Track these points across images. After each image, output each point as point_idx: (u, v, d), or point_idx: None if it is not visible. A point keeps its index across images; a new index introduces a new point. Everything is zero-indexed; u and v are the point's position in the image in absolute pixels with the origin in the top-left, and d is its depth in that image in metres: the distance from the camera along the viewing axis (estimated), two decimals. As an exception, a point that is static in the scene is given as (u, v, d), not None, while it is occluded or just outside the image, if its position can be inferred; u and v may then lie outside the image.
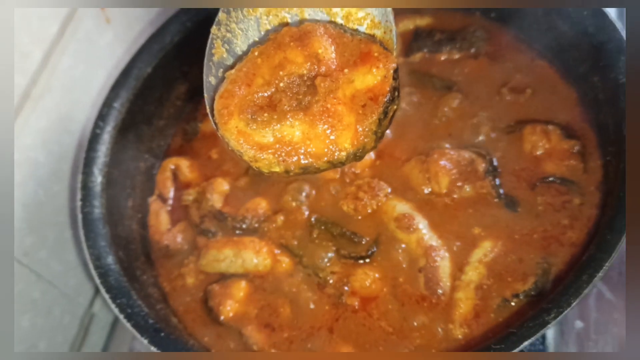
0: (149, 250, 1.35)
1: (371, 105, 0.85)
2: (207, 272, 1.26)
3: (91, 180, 1.28)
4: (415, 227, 1.16)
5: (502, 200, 1.17)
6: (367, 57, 0.86)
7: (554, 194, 1.16)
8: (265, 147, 0.86)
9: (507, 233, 1.14)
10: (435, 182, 1.20)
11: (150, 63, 1.39)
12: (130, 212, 1.36)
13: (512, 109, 1.27)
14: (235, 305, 1.20)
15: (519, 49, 1.35)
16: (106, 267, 1.19)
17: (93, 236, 1.22)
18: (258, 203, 1.30)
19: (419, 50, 1.39)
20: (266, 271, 1.22)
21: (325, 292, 1.17)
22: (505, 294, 1.08)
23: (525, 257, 1.11)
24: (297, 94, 0.87)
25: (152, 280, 1.29)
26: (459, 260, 1.13)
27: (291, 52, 0.88)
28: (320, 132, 0.85)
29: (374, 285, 1.15)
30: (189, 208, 1.36)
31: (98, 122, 1.33)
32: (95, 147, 1.31)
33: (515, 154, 1.22)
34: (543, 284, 1.07)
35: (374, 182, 1.23)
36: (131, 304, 1.13)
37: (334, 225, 1.22)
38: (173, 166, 1.42)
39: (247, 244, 1.23)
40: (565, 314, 0.93)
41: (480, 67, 1.34)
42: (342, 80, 0.86)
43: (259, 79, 0.88)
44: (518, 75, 1.31)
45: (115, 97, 1.35)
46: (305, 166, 0.86)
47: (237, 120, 0.86)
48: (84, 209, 1.25)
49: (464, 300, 1.09)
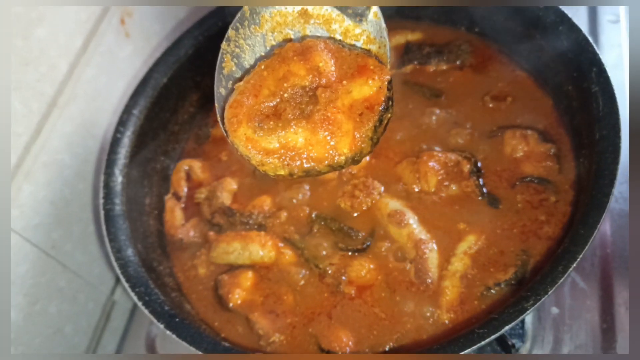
0: (164, 244, 1.34)
1: (367, 114, 0.85)
2: (217, 264, 1.26)
3: (112, 180, 1.28)
4: (406, 223, 1.16)
5: (485, 198, 1.17)
6: (364, 70, 0.86)
7: (532, 192, 1.15)
8: (271, 152, 0.85)
9: (490, 228, 1.14)
10: (425, 181, 1.19)
11: (166, 74, 1.39)
12: (147, 209, 1.36)
13: (494, 116, 1.27)
14: (242, 293, 1.20)
15: (501, 61, 1.35)
16: (126, 258, 1.19)
17: (114, 231, 1.22)
18: (264, 200, 1.29)
19: (410, 62, 1.38)
20: (271, 262, 1.22)
21: (324, 281, 1.17)
22: (488, 282, 1.08)
23: (506, 249, 1.11)
24: (300, 103, 0.87)
25: (168, 270, 1.29)
26: (446, 252, 1.13)
27: (294, 66, 0.87)
28: (321, 138, 0.84)
29: (368, 275, 1.15)
30: (201, 205, 1.35)
31: (119, 128, 1.32)
32: (116, 150, 1.30)
33: (497, 156, 1.21)
34: (522, 274, 1.07)
35: (369, 181, 1.23)
36: (149, 292, 1.13)
37: (333, 221, 1.21)
38: (187, 167, 1.42)
39: (253, 237, 1.23)
40: (542, 301, 0.93)
41: (465, 78, 1.34)
42: (341, 91, 0.86)
43: (265, 90, 0.88)
44: (499, 85, 1.31)
45: (134, 104, 1.35)
46: (307, 169, 0.86)
47: (246, 128, 0.86)
48: (106, 206, 1.24)
49: (450, 288, 1.09)
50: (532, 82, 1.30)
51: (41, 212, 1.25)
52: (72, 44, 1.30)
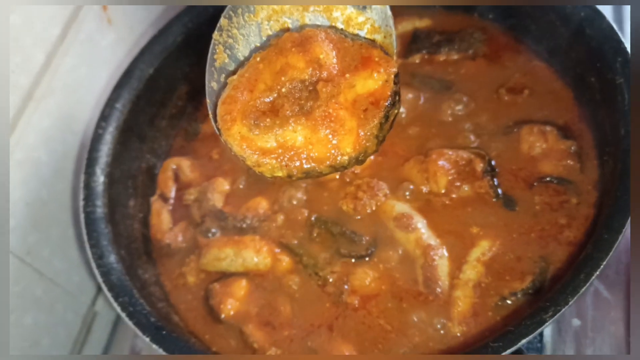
0: (150, 249, 1.35)
1: (373, 110, 0.85)
2: (208, 271, 1.26)
3: (93, 180, 1.28)
4: (414, 227, 1.16)
5: (500, 199, 1.17)
6: (368, 62, 0.86)
7: (552, 193, 1.16)
8: (268, 152, 0.86)
9: (505, 232, 1.14)
10: (434, 182, 1.20)
11: (152, 64, 1.39)
12: (132, 211, 1.36)
13: (509, 110, 1.27)
14: (235, 303, 1.20)
15: (517, 50, 1.35)
16: (108, 265, 1.19)
17: (95, 235, 1.22)
18: (258, 202, 1.30)
19: (417, 51, 1.39)
20: (266, 270, 1.22)
21: (325, 290, 1.17)
22: (503, 292, 1.09)
23: (523, 255, 1.11)
24: (299, 99, 0.87)
25: (154, 278, 1.29)
26: (457, 259, 1.13)
27: (293, 58, 0.88)
28: (322, 136, 0.85)
29: (373, 283, 1.15)
30: (190, 207, 1.35)
31: (100, 123, 1.32)
32: (97, 147, 1.31)
33: (513, 154, 1.21)
34: (541, 282, 1.07)
35: (373, 182, 1.23)
36: (133, 303, 1.13)
37: (334, 224, 1.22)
38: (174, 166, 1.42)
39: (247, 243, 1.23)
40: (562, 313, 0.93)
41: (478, 68, 1.34)
42: (343, 85, 0.86)
43: (261, 84, 0.88)
44: (516, 76, 1.31)
45: (117, 97, 1.35)
46: (307, 171, 0.86)
47: (240, 125, 0.86)
48: (86, 209, 1.25)
49: (462, 298, 1.09)
50: (552, 73, 1.30)
51: (16, 215, 1.25)
52: (49, 31, 1.29)
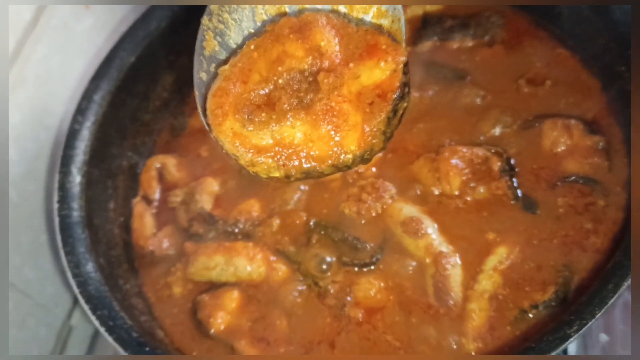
0: (132, 257, 1.35)
1: (379, 103, 0.85)
2: (196, 281, 1.26)
3: (69, 180, 1.28)
4: (423, 232, 1.16)
5: (520, 202, 1.17)
6: (375, 50, 0.86)
7: (576, 195, 1.16)
8: (263, 150, 0.85)
9: (525, 238, 1.14)
10: (446, 182, 1.20)
11: (133, 52, 1.39)
12: (112, 215, 1.36)
13: (530, 102, 1.27)
14: (226, 317, 1.20)
15: (538, 37, 1.35)
16: (85, 275, 1.19)
17: (71, 241, 1.22)
18: (252, 205, 1.29)
19: (428, 38, 1.39)
20: (260, 280, 1.22)
21: (325, 303, 1.17)
22: (523, 304, 1.08)
23: (544, 264, 1.11)
24: (298, 91, 0.87)
25: (136, 289, 1.29)
26: (471, 268, 1.13)
27: (290, 45, 0.87)
28: (323, 133, 0.85)
29: (379, 295, 1.15)
30: (176, 210, 1.36)
31: (77, 117, 1.32)
32: (73, 144, 1.30)
33: (534, 152, 1.22)
34: (564, 293, 1.07)
35: (379, 182, 1.23)
36: (113, 316, 1.13)
37: (335, 229, 1.22)
38: (159, 165, 1.42)
39: (239, 250, 1.23)
40: (588, 327, 0.93)
41: (496, 56, 1.34)
42: (347, 75, 0.86)
43: (255, 75, 0.88)
44: (537, 65, 1.31)
45: (95, 89, 1.35)
46: (307, 170, 0.86)
47: (233, 121, 0.86)
48: (61, 212, 1.24)
49: (477, 311, 1.09)
50: (577, 61, 1.30)
51: (-17, 219, 1.25)
52: (19, 16, 1.29)
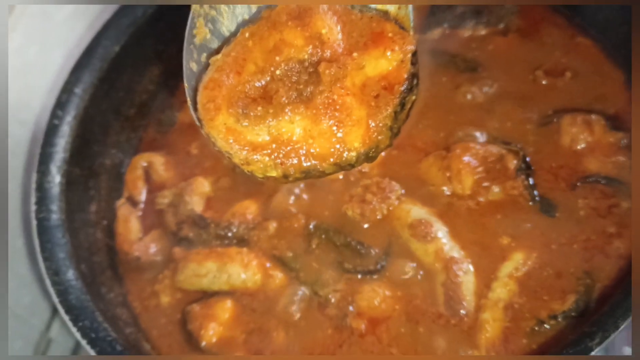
0: (116, 264, 1.35)
1: (385, 96, 0.85)
2: (186, 290, 1.26)
3: (48, 181, 1.28)
4: (433, 236, 1.16)
5: (537, 203, 1.18)
6: (380, 38, 0.86)
7: (598, 196, 1.16)
8: (259, 148, 0.85)
9: (543, 242, 1.14)
10: (458, 182, 1.20)
11: (117, 41, 1.39)
12: (94, 218, 1.36)
13: (548, 96, 1.27)
14: (219, 328, 1.20)
15: (557, 24, 1.35)
16: (66, 283, 1.19)
17: (50, 246, 1.22)
18: (246, 207, 1.30)
19: (437, 25, 1.39)
20: (256, 288, 1.22)
21: (326, 313, 1.18)
22: (541, 314, 1.09)
23: (564, 271, 1.12)
24: (297, 83, 0.87)
25: (120, 298, 1.29)
26: (485, 275, 1.14)
27: (289, 33, 0.87)
28: (324, 128, 0.85)
29: (383, 304, 1.16)
30: (164, 213, 1.36)
31: (56, 111, 1.32)
32: (52, 141, 1.30)
33: (552, 149, 1.22)
34: (585, 303, 1.07)
35: (384, 182, 1.24)
36: (95, 327, 1.13)
37: (337, 233, 1.22)
38: (145, 163, 1.42)
39: (233, 256, 1.23)
40: (611, 339, 0.93)
41: (511, 46, 1.35)
42: (350, 66, 0.86)
43: (250, 65, 0.88)
44: (555, 55, 1.32)
45: (76, 81, 1.35)
46: (307, 169, 0.86)
47: (226, 115, 0.86)
48: (39, 214, 1.24)
49: (491, 322, 1.10)
50: (599, 51, 1.30)
51: (-46, 223, 1.25)
52: (-6, 1, 1.29)
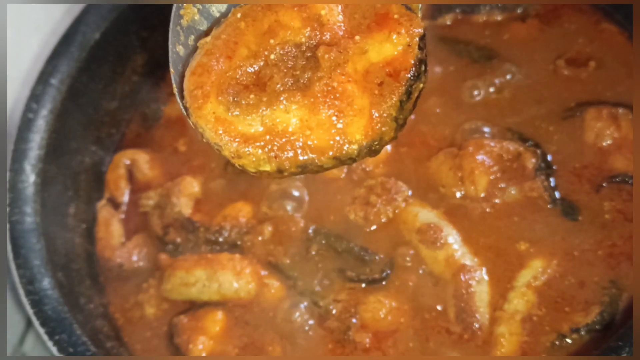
0: (96, 272, 1.35)
1: (390, 84, 0.84)
2: (173, 300, 1.26)
3: (21, 180, 1.28)
4: (443, 241, 1.17)
5: (558, 206, 1.18)
6: (385, 20, 0.85)
7: (626, 198, 1.16)
8: (251, 139, 0.85)
9: (564, 249, 1.15)
10: (471, 182, 1.20)
11: (98, 27, 1.39)
12: (72, 221, 1.36)
13: (570, 87, 1.28)
14: (209, 342, 1.20)
15: (580, 9, 1.36)
16: (41, 292, 1.19)
17: (24, 252, 1.22)
18: (239, 209, 1.30)
19: (449, 10, 1.40)
20: (250, 298, 1.22)
21: (327, 325, 1.17)
22: (562, 328, 1.09)
23: (587, 280, 1.12)
24: (294, 69, 0.87)
25: (101, 309, 1.29)
26: (500, 285, 1.14)
27: (285, 14, 0.87)
28: (323, 118, 0.84)
29: (390, 316, 1.16)
30: (148, 216, 1.36)
31: (31, 104, 1.33)
32: (26, 137, 1.31)
33: (575, 146, 1.22)
34: (610, 315, 1.08)
35: (390, 182, 1.24)
36: (74, 341, 1.13)
37: (338, 238, 1.22)
38: (128, 161, 1.43)
39: (224, 262, 1.23)
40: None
41: (530, 33, 1.36)
42: (352, 50, 0.85)
43: (242, 49, 0.88)
44: (579, 43, 1.32)
45: (52, 71, 1.35)
46: (303, 163, 0.85)
47: (215, 103, 0.86)
48: (12, 217, 1.25)
49: (507, 336, 1.10)
50: (625, 39, 1.31)
51: None
52: (-37, -16, 1.30)
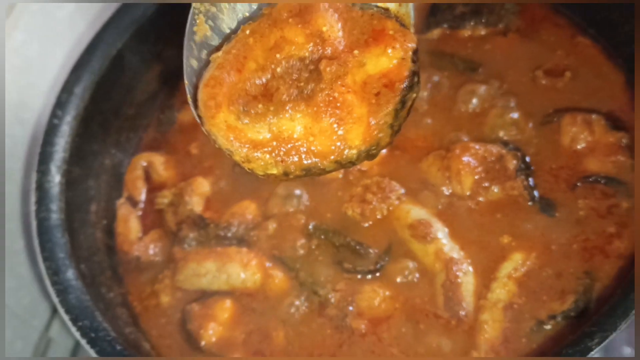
0: (116, 263, 1.34)
1: (386, 94, 0.84)
2: (186, 289, 1.26)
3: (48, 180, 1.27)
4: (433, 236, 1.16)
5: (537, 203, 1.17)
6: (381, 36, 0.85)
7: (598, 196, 1.16)
8: (260, 145, 0.85)
9: (543, 243, 1.14)
10: (458, 182, 1.20)
11: (118, 40, 1.38)
12: (94, 217, 1.35)
13: (548, 96, 1.27)
14: (218, 328, 1.20)
15: (557, 24, 1.35)
16: (65, 283, 1.18)
17: (50, 246, 1.21)
18: (246, 207, 1.30)
19: (437, 25, 1.39)
20: (256, 288, 1.22)
21: (326, 313, 1.17)
22: (540, 315, 1.09)
23: (563, 271, 1.11)
24: (298, 80, 0.87)
25: (120, 298, 1.29)
26: (484, 275, 1.14)
27: (290, 31, 0.87)
28: (325, 126, 0.84)
29: (384, 304, 1.15)
30: (163, 213, 1.36)
31: (56, 111, 1.32)
32: (52, 141, 1.30)
33: (552, 149, 1.22)
34: (585, 303, 1.07)
35: (385, 181, 1.23)
36: (95, 327, 1.13)
37: (336, 233, 1.22)
38: (145, 163, 1.42)
39: (232, 255, 1.23)
40: (611, 339, 0.93)
41: (511, 46, 1.35)
42: (351, 63, 0.85)
43: (251, 63, 0.88)
44: (556, 55, 1.32)
45: (76, 80, 1.34)
46: (307, 167, 0.86)
47: (227, 113, 0.86)
48: (39, 214, 1.24)
49: (490, 322, 1.09)
50: (599, 51, 1.30)
51: (-46, 222, 1.25)
52: (-6, 1, 1.28)
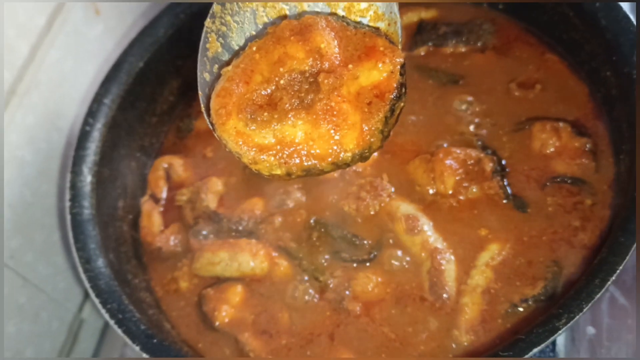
0: (140, 253, 1.34)
1: (377, 103, 0.84)
2: (202, 276, 1.26)
3: (80, 180, 1.27)
4: (419, 229, 1.16)
5: (511, 201, 1.17)
6: (373, 52, 0.85)
7: (565, 194, 1.15)
8: (265, 149, 0.85)
9: (516, 235, 1.14)
10: (441, 182, 1.19)
11: (142, 57, 1.38)
12: (121, 213, 1.36)
13: (520, 106, 1.27)
14: (230, 310, 1.20)
15: (529, 43, 1.35)
16: (96, 270, 1.18)
17: (82, 238, 1.22)
18: (255, 203, 1.29)
19: (423, 43, 1.38)
20: (263, 275, 1.22)
21: (325, 297, 1.17)
22: (514, 298, 1.08)
23: (534, 260, 1.11)
24: (299, 91, 0.87)
25: (144, 284, 1.29)
26: (465, 264, 1.13)
27: (292, 47, 0.87)
28: (323, 131, 0.84)
29: (376, 289, 1.15)
30: (182, 209, 1.35)
31: (88, 119, 1.32)
32: (84, 145, 1.30)
33: (524, 153, 1.21)
34: (553, 288, 1.07)
35: (377, 181, 1.23)
36: (122, 309, 1.13)
37: (334, 227, 1.22)
38: (166, 165, 1.42)
39: (243, 246, 1.23)
40: (576, 320, 0.93)
41: (488, 61, 1.34)
42: (346, 76, 0.85)
43: (257, 75, 0.87)
44: (527, 70, 1.31)
45: (105, 92, 1.35)
46: (308, 168, 0.85)
47: (236, 120, 0.86)
48: (72, 210, 1.24)
49: (470, 305, 1.09)
50: (565, 66, 1.29)
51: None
52: (33, 22, 1.29)
